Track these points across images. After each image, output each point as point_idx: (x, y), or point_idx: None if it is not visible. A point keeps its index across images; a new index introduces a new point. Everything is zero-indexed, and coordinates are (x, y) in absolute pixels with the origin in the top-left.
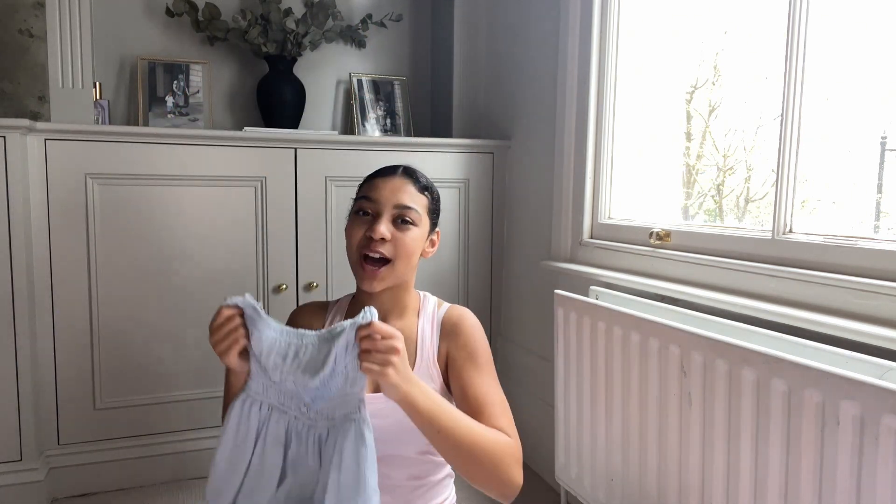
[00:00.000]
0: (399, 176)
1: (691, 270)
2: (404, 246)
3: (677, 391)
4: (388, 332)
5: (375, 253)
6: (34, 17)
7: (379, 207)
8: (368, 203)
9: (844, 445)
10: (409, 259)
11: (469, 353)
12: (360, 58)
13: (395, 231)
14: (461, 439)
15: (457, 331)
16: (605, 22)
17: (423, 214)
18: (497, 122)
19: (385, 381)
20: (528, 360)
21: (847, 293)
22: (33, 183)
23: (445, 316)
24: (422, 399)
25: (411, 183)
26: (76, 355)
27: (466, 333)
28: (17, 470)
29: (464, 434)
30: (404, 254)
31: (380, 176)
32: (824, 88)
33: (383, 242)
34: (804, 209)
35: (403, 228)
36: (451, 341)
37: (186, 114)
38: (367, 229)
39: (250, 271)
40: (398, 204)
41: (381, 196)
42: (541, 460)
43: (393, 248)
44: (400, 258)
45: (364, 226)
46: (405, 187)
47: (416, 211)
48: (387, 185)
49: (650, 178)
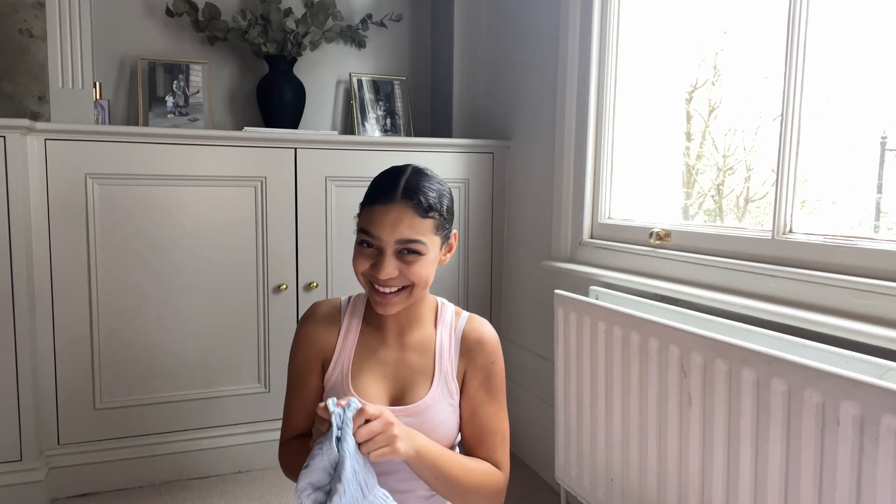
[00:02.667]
0: (399, 202)
1: (691, 270)
2: (415, 275)
3: (677, 391)
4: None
5: (387, 287)
6: (34, 17)
7: (381, 244)
8: (370, 238)
9: (844, 445)
10: (423, 283)
11: (485, 376)
12: (360, 58)
13: (402, 265)
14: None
15: (477, 350)
16: (605, 22)
17: (431, 237)
18: (497, 122)
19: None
20: (528, 360)
21: (847, 293)
22: (33, 183)
23: (466, 330)
24: (426, 452)
25: (412, 209)
26: (76, 355)
27: (486, 354)
28: (17, 470)
29: (458, 477)
30: (418, 281)
31: (379, 202)
32: (824, 88)
33: (392, 279)
34: (804, 209)
35: (410, 261)
36: (471, 360)
37: (186, 114)
38: (373, 266)
39: (250, 271)
40: (400, 240)
41: (383, 232)
42: (541, 460)
43: (403, 280)
44: (414, 286)
45: (369, 260)
46: (405, 217)
47: (421, 242)
48: (387, 219)
49: (650, 178)
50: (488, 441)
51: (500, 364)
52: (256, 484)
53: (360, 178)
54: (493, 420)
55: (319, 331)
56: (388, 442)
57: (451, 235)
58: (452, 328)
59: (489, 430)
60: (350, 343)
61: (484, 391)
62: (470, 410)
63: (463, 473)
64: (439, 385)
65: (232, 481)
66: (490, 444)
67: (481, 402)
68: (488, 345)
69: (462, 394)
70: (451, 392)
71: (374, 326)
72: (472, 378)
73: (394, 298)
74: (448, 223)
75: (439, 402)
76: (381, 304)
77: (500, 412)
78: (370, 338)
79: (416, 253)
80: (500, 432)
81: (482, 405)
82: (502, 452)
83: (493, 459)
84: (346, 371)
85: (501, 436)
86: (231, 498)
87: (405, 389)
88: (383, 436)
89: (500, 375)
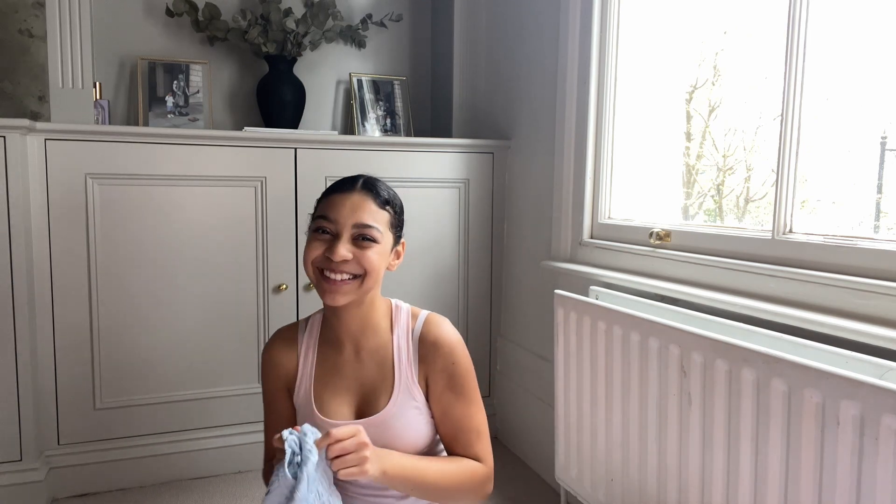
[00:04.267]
0: (358, 191)
1: (691, 270)
2: (368, 262)
3: (677, 391)
4: (348, 433)
5: (338, 274)
6: (34, 17)
7: (338, 227)
8: (327, 223)
9: (844, 445)
10: (375, 273)
11: (449, 377)
12: (360, 58)
13: (356, 250)
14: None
15: (434, 353)
16: (605, 22)
17: (385, 230)
18: (497, 122)
19: (365, 477)
20: (528, 360)
21: (847, 293)
22: (33, 183)
23: (422, 333)
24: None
25: (371, 198)
26: (76, 355)
27: (444, 356)
28: (17, 470)
29: (437, 483)
30: (370, 269)
31: (338, 191)
32: (824, 88)
33: (345, 262)
34: (804, 209)
35: (364, 246)
36: (430, 365)
37: (186, 114)
38: (327, 249)
39: (250, 271)
40: (357, 223)
41: (340, 215)
42: (541, 460)
43: (356, 266)
44: (366, 275)
45: (323, 245)
46: (364, 204)
47: (377, 229)
48: (346, 203)
49: (650, 178)
50: (464, 438)
51: (462, 363)
52: (256, 484)
53: None
54: (464, 419)
55: (279, 356)
56: (358, 462)
57: (400, 241)
58: (409, 331)
59: (463, 428)
60: (310, 363)
61: (450, 392)
62: (440, 412)
63: (441, 479)
64: (400, 393)
65: (232, 481)
66: (466, 441)
67: (449, 403)
68: (445, 346)
69: (429, 396)
70: (415, 396)
71: (330, 342)
72: (436, 382)
73: (344, 286)
74: (399, 225)
75: (403, 408)
76: (330, 293)
77: (470, 408)
78: (328, 353)
79: (371, 240)
80: (473, 429)
81: (451, 406)
82: (481, 446)
83: (472, 455)
84: (309, 392)
85: (476, 431)
86: (231, 498)
87: (367, 400)
88: (354, 455)
89: (465, 373)
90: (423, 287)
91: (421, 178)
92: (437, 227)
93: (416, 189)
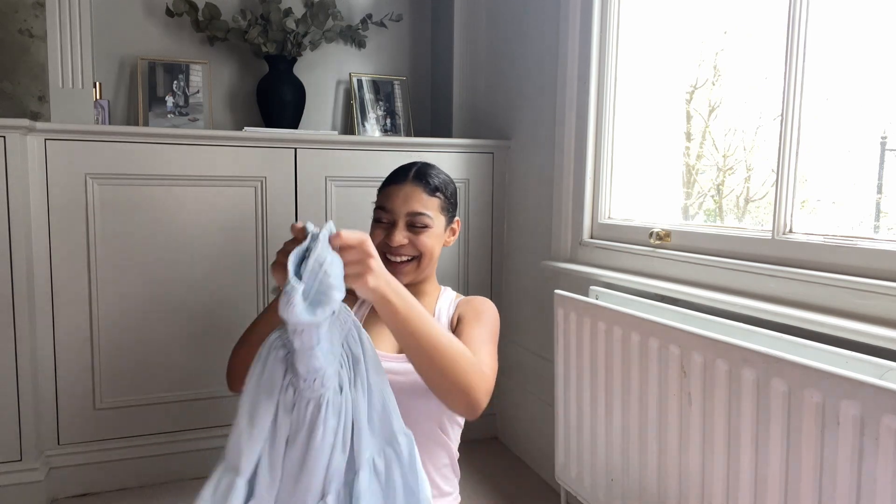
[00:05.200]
0: (410, 182)
1: (691, 270)
2: (423, 245)
3: (677, 391)
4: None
5: (398, 256)
6: (34, 17)
7: (393, 217)
8: (384, 213)
9: (844, 445)
10: (430, 255)
11: (476, 313)
12: (360, 58)
13: (411, 235)
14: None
15: (466, 303)
16: (605, 22)
17: (437, 214)
18: (497, 122)
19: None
20: (528, 360)
21: (847, 293)
22: (33, 183)
23: (461, 300)
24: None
25: (421, 188)
26: (76, 355)
27: (478, 303)
28: (17, 470)
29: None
30: (425, 251)
31: (393, 183)
32: (824, 88)
33: (402, 246)
34: (804, 209)
35: (419, 232)
36: (463, 308)
37: (186, 114)
38: (386, 236)
39: (250, 271)
40: (410, 212)
41: (394, 206)
42: (541, 460)
43: (413, 249)
44: (422, 256)
45: (383, 232)
46: (415, 194)
47: (428, 215)
48: (399, 194)
49: (650, 178)
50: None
51: (491, 314)
52: None
53: (360, 178)
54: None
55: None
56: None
57: (454, 220)
58: (452, 301)
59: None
60: (363, 312)
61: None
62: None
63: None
64: None
65: None
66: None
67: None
68: (477, 300)
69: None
70: None
71: None
72: (464, 316)
73: (404, 268)
74: (452, 207)
75: None
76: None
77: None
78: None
79: (423, 226)
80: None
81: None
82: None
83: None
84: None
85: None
86: None
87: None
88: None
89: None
90: None
91: None
92: None
93: None
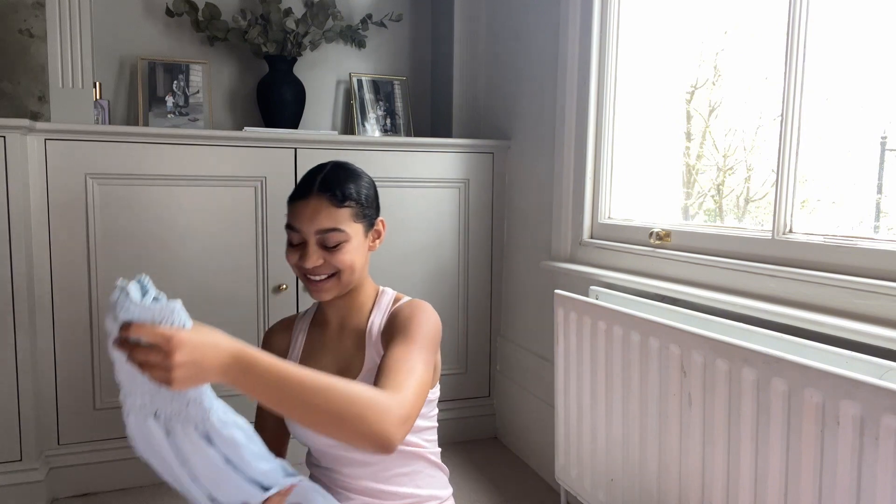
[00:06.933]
0: (315, 195)
1: (691, 270)
2: (340, 262)
3: (677, 391)
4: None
5: (316, 275)
6: (34, 17)
7: (304, 235)
8: (293, 233)
9: (844, 445)
10: (350, 269)
11: (401, 327)
12: (360, 58)
13: (326, 254)
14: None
15: (399, 314)
16: (605, 22)
17: (351, 224)
18: (497, 122)
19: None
20: (528, 360)
21: (847, 293)
22: (33, 183)
23: (395, 309)
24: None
25: (327, 200)
26: (76, 355)
27: (406, 314)
28: (17, 470)
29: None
30: (343, 267)
31: (298, 198)
32: (824, 88)
33: (319, 266)
34: (804, 209)
35: (333, 248)
36: (391, 322)
37: (186, 114)
38: (300, 258)
39: (250, 271)
40: (319, 230)
41: (302, 225)
42: (541, 460)
43: (330, 267)
44: (341, 272)
45: (296, 253)
46: (322, 208)
47: (340, 230)
48: (305, 212)
49: (650, 178)
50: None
51: (420, 320)
52: None
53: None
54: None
55: (274, 338)
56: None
57: (375, 222)
58: (386, 310)
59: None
60: (300, 342)
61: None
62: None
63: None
64: (368, 364)
65: None
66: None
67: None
68: (408, 307)
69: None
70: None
71: (320, 324)
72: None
73: (325, 285)
74: (370, 211)
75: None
76: (315, 291)
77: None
78: (317, 333)
79: (336, 243)
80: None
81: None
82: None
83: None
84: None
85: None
86: None
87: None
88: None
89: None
90: (423, 287)
91: (421, 178)
92: (437, 227)
93: (416, 189)
